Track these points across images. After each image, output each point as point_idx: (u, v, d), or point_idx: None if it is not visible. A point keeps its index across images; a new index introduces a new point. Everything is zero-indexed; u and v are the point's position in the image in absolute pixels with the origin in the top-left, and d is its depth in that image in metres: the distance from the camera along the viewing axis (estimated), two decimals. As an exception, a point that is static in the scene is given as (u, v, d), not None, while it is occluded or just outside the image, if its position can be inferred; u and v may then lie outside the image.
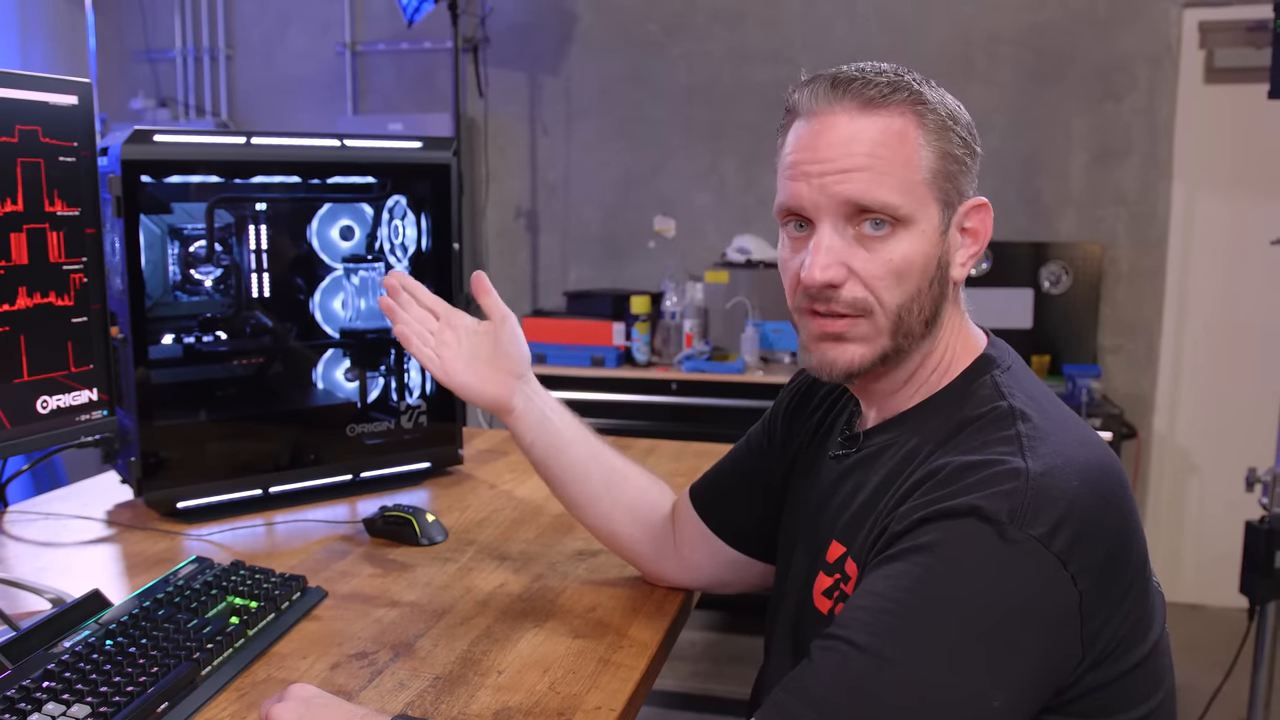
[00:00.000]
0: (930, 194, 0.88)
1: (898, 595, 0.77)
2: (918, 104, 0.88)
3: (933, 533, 0.78)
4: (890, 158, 0.87)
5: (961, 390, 0.91)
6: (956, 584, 0.76)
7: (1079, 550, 0.76)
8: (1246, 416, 3.34)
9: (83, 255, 1.22)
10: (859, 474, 0.95)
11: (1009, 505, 0.77)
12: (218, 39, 4.26)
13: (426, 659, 1.05)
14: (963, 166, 0.90)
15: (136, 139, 1.38)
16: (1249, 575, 2.23)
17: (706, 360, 3.29)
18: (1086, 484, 0.79)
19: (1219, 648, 2.54)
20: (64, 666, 0.93)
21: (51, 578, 1.24)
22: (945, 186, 0.89)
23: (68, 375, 1.21)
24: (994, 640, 0.75)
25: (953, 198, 0.90)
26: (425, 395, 1.71)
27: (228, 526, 1.44)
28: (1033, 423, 0.84)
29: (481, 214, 4.02)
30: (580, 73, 3.92)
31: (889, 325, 0.89)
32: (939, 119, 0.88)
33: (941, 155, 0.88)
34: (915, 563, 0.78)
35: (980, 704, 0.75)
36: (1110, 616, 0.79)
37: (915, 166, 0.87)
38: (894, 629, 0.76)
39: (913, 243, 0.88)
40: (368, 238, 1.67)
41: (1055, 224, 3.53)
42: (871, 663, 0.75)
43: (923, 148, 0.88)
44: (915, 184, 0.87)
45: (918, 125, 0.88)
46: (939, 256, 0.89)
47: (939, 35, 3.56)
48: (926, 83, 0.91)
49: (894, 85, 0.88)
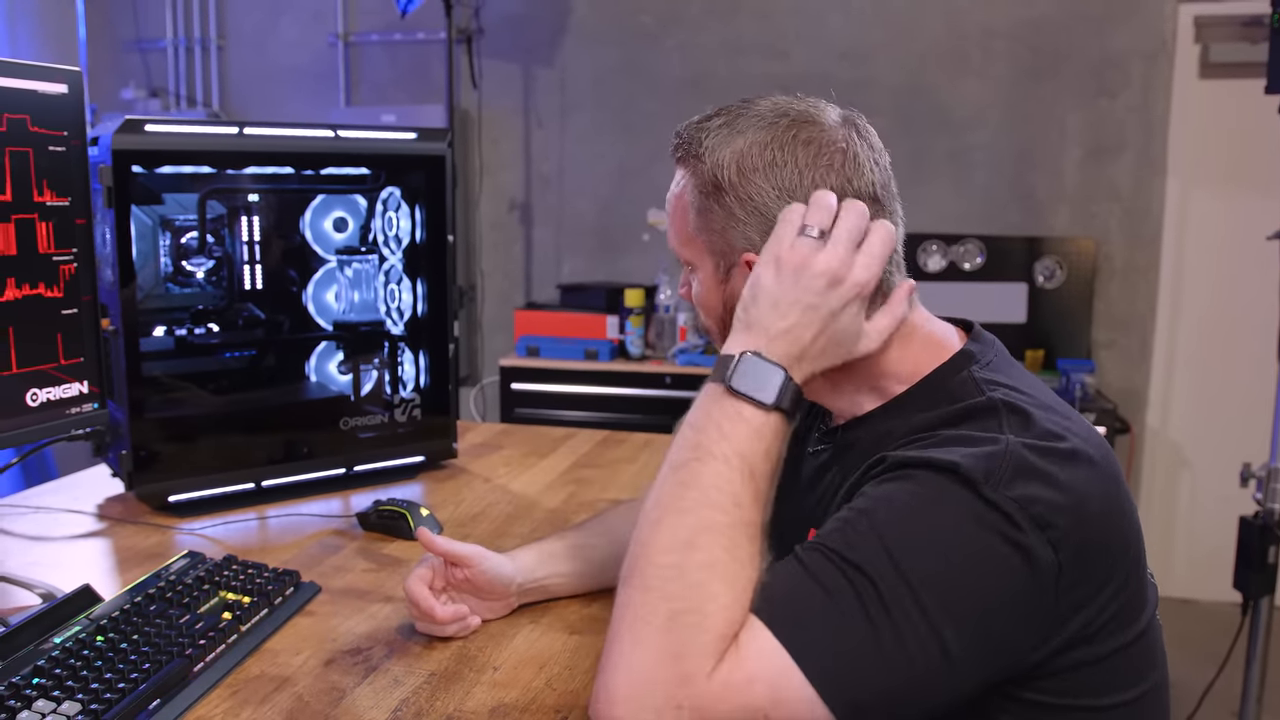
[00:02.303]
0: (702, 245, 0.95)
1: (873, 510, 0.78)
2: (697, 167, 0.94)
3: (912, 474, 0.79)
4: (674, 211, 0.98)
5: (938, 386, 0.92)
6: (930, 520, 0.77)
7: (1060, 523, 0.76)
8: (1240, 412, 3.35)
9: (73, 246, 1.20)
10: (837, 465, 0.96)
11: (987, 466, 0.77)
12: (209, 29, 4.23)
13: (421, 655, 1.04)
14: (730, 222, 0.92)
15: (128, 128, 1.37)
16: (1242, 570, 2.23)
17: (700, 354, 3.29)
18: (1072, 464, 0.79)
19: (1212, 642, 2.55)
20: (54, 663, 0.92)
21: (42, 572, 1.22)
22: (712, 239, 0.94)
23: (57, 368, 1.20)
24: (957, 578, 0.75)
25: (723, 248, 0.94)
26: (419, 388, 1.69)
27: (220, 521, 1.43)
28: (1019, 414, 0.84)
29: (475, 206, 4.01)
30: (574, 65, 3.90)
31: (719, 339, 0.96)
32: (707, 179, 0.93)
33: (702, 211, 0.94)
34: (897, 488, 0.79)
35: (931, 636, 0.74)
36: (1091, 596, 0.79)
37: (686, 220, 0.96)
38: (862, 539, 0.76)
39: (700, 284, 0.98)
40: (361, 229, 1.66)
41: (1049, 219, 3.53)
42: (835, 567, 0.76)
43: (690, 204, 0.95)
44: (688, 236, 0.96)
45: (690, 183, 0.95)
46: (724, 300, 0.95)
47: (933, 29, 3.56)
48: (743, 143, 0.91)
49: (687, 147, 0.95)
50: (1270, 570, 2.21)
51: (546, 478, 1.67)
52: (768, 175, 0.91)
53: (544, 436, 1.94)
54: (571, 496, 1.58)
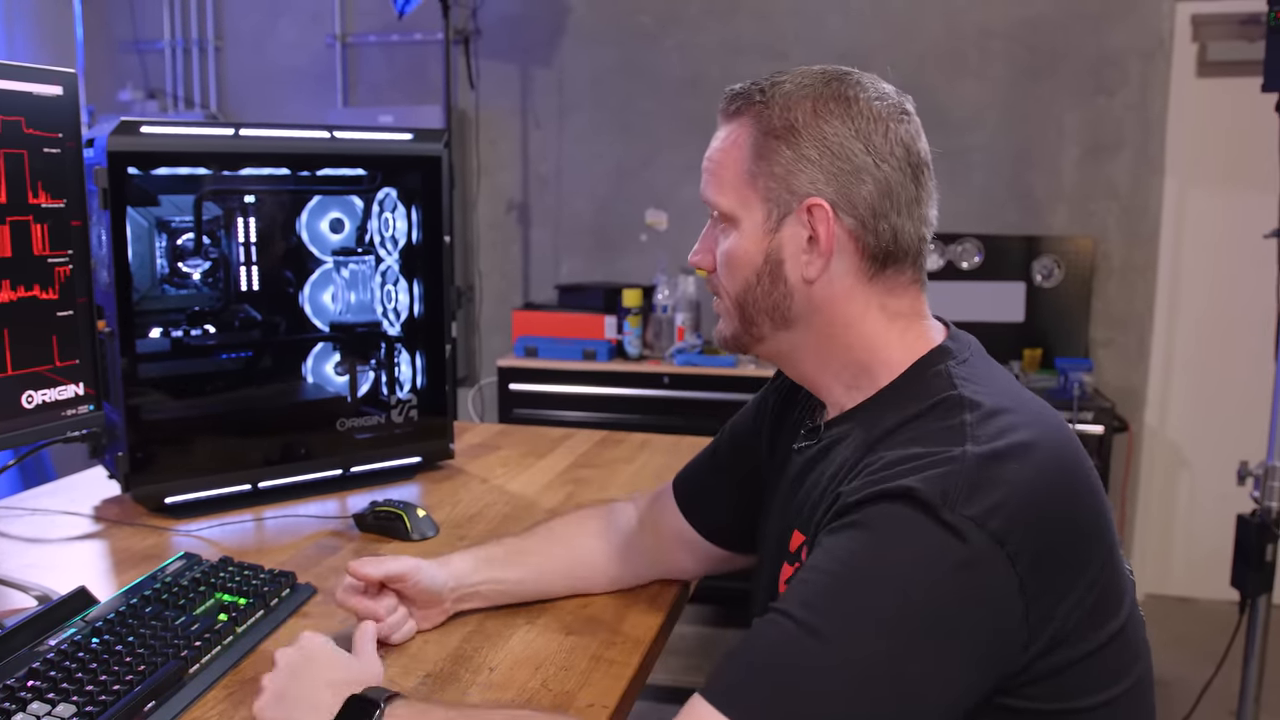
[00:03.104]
0: (753, 194, 0.94)
1: (831, 569, 0.79)
2: (762, 111, 0.94)
3: (868, 511, 0.80)
4: (723, 160, 0.97)
5: (913, 381, 0.92)
6: (887, 561, 0.77)
7: (1016, 532, 0.76)
8: (1237, 410, 3.35)
9: (68, 248, 1.20)
10: (819, 465, 0.97)
11: (942, 486, 0.77)
12: (207, 30, 4.22)
13: (418, 655, 1.04)
14: (798, 167, 0.92)
15: (123, 130, 1.37)
16: (1240, 569, 2.23)
17: (698, 354, 3.29)
18: (1031, 466, 0.79)
19: (1209, 641, 2.55)
20: (49, 665, 0.92)
21: (38, 574, 1.22)
22: (771, 185, 0.93)
23: (53, 370, 1.19)
24: (923, 617, 0.75)
25: (782, 194, 0.93)
26: (416, 389, 1.69)
27: (216, 522, 1.43)
28: (982, 409, 0.84)
29: (473, 207, 4.00)
30: (572, 65, 3.90)
31: (733, 308, 0.99)
32: (776, 122, 0.93)
33: (764, 155, 0.93)
34: (851, 537, 0.80)
35: (908, 682, 0.75)
36: (1062, 598, 0.79)
37: (740, 170, 0.95)
38: (825, 602, 0.77)
39: (738, 238, 0.96)
40: (358, 230, 1.66)
41: (1047, 218, 3.53)
42: (803, 635, 0.76)
43: (748, 149, 0.94)
44: (739, 184, 0.95)
45: (751, 129, 0.94)
46: (766, 253, 0.95)
47: (932, 29, 3.55)
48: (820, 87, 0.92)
49: (746, 98, 0.95)
50: (1268, 568, 2.21)
51: (544, 478, 1.67)
52: (844, 117, 0.92)
53: (542, 437, 1.94)
54: (570, 497, 1.57)
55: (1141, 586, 3.42)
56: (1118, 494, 3.42)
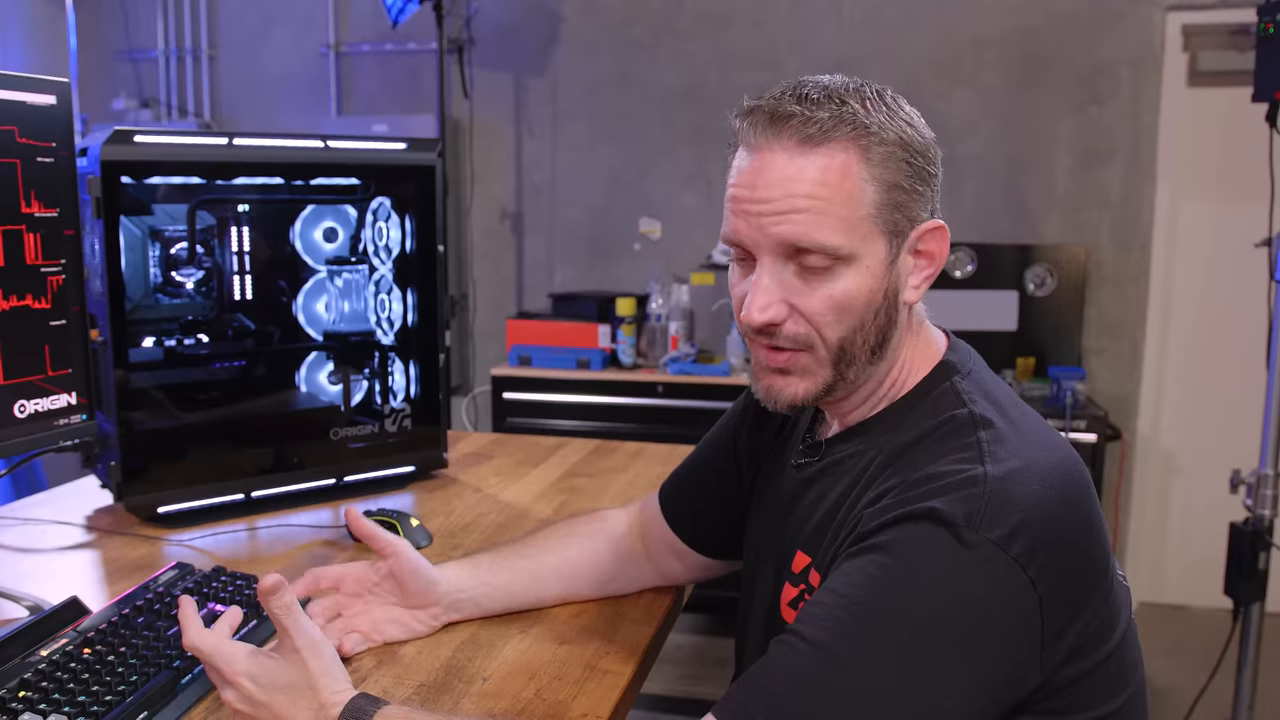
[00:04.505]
0: (876, 228, 0.85)
1: (852, 593, 0.78)
2: (862, 137, 0.84)
3: (891, 534, 0.79)
4: (831, 197, 0.83)
5: (922, 398, 0.91)
6: (910, 584, 0.77)
7: (1039, 554, 0.76)
8: (1230, 418, 3.35)
9: (61, 257, 1.20)
10: (821, 483, 0.95)
11: (966, 509, 0.77)
12: (200, 39, 4.23)
13: (411, 665, 1.04)
14: (914, 194, 0.86)
15: (116, 139, 1.36)
16: (1233, 577, 2.24)
17: (692, 362, 3.29)
18: (1047, 487, 0.79)
19: (1203, 649, 2.55)
20: (41, 676, 0.91)
21: (30, 584, 1.22)
22: (894, 217, 0.86)
23: (45, 379, 1.19)
24: (945, 641, 0.75)
25: (903, 226, 0.87)
26: (409, 398, 1.69)
27: (209, 532, 1.43)
28: (994, 428, 0.84)
29: (467, 215, 4.01)
30: (566, 74, 3.91)
31: (830, 358, 0.88)
32: (885, 150, 0.84)
33: (887, 187, 0.85)
34: (872, 561, 0.79)
35: (929, 705, 0.75)
36: (1075, 617, 0.80)
37: (858, 203, 0.84)
38: (846, 627, 0.76)
39: (855, 278, 0.85)
40: (351, 240, 1.66)
41: (1040, 227, 3.54)
42: (823, 660, 0.76)
43: (866, 183, 0.84)
44: (858, 221, 0.84)
45: (860, 159, 0.84)
46: (885, 288, 0.87)
47: (925, 39, 3.57)
48: (879, 100, 0.86)
49: (836, 119, 0.83)
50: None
51: (538, 487, 1.67)
52: (914, 127, 0.87)
53: (536, 446, 1.94)
54: (563, 506, 1.57)
55: (1135, 594, 3.42)
56: (1111, 502, 3.43)
